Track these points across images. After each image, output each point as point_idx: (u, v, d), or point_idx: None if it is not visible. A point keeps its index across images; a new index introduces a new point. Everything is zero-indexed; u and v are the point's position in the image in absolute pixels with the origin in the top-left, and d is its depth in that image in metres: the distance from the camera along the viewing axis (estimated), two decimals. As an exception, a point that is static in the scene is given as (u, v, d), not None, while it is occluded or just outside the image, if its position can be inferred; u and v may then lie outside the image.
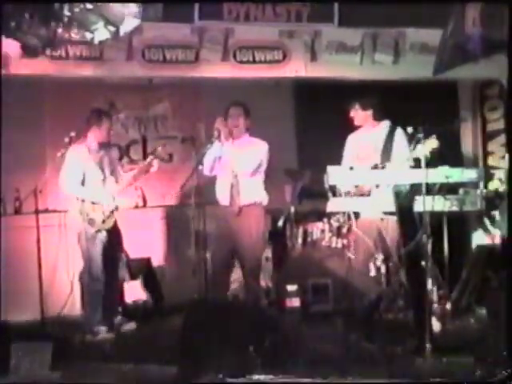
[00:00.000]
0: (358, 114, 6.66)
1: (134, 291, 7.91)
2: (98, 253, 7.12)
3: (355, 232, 6.56)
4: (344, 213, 6.94)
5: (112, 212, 7.20)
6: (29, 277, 7.46)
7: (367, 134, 6.67)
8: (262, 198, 6.84)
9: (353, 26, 7.61)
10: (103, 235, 7.16)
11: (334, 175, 6.15)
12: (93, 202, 7.13)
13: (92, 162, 7.20)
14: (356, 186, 6.32)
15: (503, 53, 6.52)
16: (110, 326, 7.19)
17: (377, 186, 6.30)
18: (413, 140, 5.99)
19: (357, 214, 6.44)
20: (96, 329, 7.07)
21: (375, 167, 6.16)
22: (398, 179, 6.14)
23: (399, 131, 6.43)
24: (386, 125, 6.60)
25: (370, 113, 6.63)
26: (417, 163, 5.94)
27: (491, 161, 8.56)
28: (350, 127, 6.97)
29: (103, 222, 7.16)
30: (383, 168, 6.09)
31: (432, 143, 5.91)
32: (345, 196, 6.24)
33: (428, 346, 5.69)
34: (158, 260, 8.45)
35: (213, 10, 7.47)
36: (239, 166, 6.74)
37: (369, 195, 6.28)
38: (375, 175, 6.28)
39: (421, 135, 6.21)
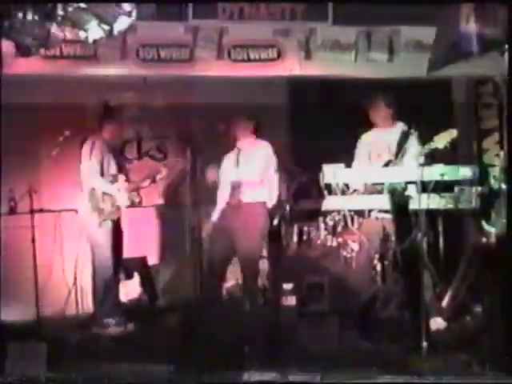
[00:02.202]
0: (379, 112, 6.67)
1: (130, 290, 7.89)
2: (105, 242, 7.19)
3: (351, 230, 6.57)
4: (339, 211, 6.95)
5: (118, 205, 7.26)
6: (24, 277, 7.46)
7: (381, 133, 6.68)
8: (265, 196, 6.88)
9: (347, 24, 7.61)
10: (108, 225, 7.22)
11: (329, 174, 6.16)
12: (104, 193, 7.20)
13: (106, 155, 7.27)
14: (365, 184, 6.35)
15: (497, 50, 6.53)
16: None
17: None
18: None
19: (358, 212, 6.45)
20: (106, 321, 7.10)
21: (387, 164, 6.22)
22: (393, 177, 6.14)
23: (414, 134, 6.41)
24: (400, 125, 6.60)
25: (390, 111, 6.65)
26: (432, 156, 5.99)
27: (486, 158, 8.57)
28: (348, 125, 7.00)
29: (111, 213, 7.21)
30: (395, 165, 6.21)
31: (451, 133, 5.93)
32: (357, 194, 6.27)
33: (424, 344, 5.70)
34: (153, 259, 8.44)
35: (207, 8, 7.46)
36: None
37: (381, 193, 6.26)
38: (370, 174, 6.30)
39: (414, 132, 6.26)
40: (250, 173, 6.91)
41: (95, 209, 7.16)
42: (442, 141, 5.96)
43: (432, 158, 6.04)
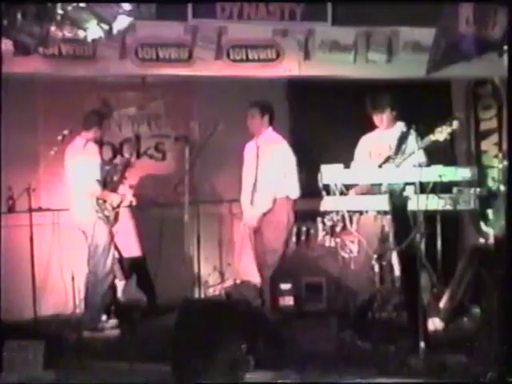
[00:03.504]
0: (378, 113, 6.73)
1: (128, 290, 7.88)
2: (109, 248, 7.24)
3: (350, 231, 6.58)
4: (337, 212, 6.96)
5: (117, 207, 7.26)
6: (22, 275, 7.46)
7: (382, 134, 6.74)
8: (287, 192, 7.01)
9: (346, 24, 7.60)
10: (112, 231, 7.29)
11: (327, 174, 6.17)
12: (104, 199, 7.20)
13: (98, 160, 7.28)
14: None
15: (496, 52, 6.54)
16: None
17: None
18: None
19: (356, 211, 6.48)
20: (101, 325, 7.11)
21: (387, 159, 6.25)
22: (391, 178, 6.15)
23: (413, 132, 6.45)
24: (400, 126, 6.64)
25: (389, 112, 6.70)
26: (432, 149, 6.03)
27: (485, 160, 8.57)
28: (346, 126, 7.01)
29: (114, 217, 7.26)
30: (397, 163, 6.32)
31: (452, 125, 5.95)
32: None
33: (422, 344, 5.70)
34: (151, 259, 8.42)
35: (206, 8, 7.45)
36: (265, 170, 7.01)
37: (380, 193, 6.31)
38: (369, 174, 6.32)
39: (413, 133, 6.28)
40: (271, 170, 7.07)
41: (101, 217, 7.16)
42: (443, 133, 5.98)
43: (432, 151, 6.07)
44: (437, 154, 6.25)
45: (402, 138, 6.47)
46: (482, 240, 7.36)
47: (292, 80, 8.27)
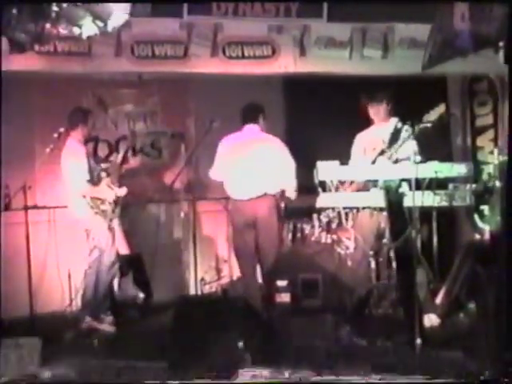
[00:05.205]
0: (374, 109, 6.75)
1: (124, 287, 7.88)
2: (113, 239, 7.30)
3: (345, 227, 6.59)
4: (333, 208, 6.97)
5: (116, 202, 7.28)
6: (18, 273, 7.45)
7: (377, 129, 6.75)
8: (272, 188, 6.95)
9: (342, 20, 7.60)
10: (116, 223, 7.34)
11: (323, 171, 6.18)
12: (98, 197, 7.22)
13: (86, 157, 7.28)
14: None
15: (492, 48, 6.54)
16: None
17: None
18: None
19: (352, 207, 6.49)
20: (102, 316, 7.12)
21: (381, 153, 6.25)
22: (387, 174, 6.16)
23: (407, 127, 6.45)
24: (394, 121, 6.64)
25: (385, 108, 6.72)
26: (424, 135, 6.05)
27: (480, 156, 8.57)
28: (342, 122, 7.01)
29: (113, 211, 7.27)
30: (389, 154, 6.30)
31: (440, 108, 5.97)
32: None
33: (418, 340, 5.71)
34: (147, 256, 8.42)
35: (201, 5, 7.44)
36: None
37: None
38: (365, 171, 6.33)
39: (409, 128, 6.29)
40: (260, 168, 6.95)
41: (98, 212, 7.18)
42: (433, 114, 5.99)
43: (424, 140, 6.09)
44: (431, 145, 6.26)
45: (396, 133, 6.48)
46: (477, 236, 7.38)
47: (288, 76, 8.26)
